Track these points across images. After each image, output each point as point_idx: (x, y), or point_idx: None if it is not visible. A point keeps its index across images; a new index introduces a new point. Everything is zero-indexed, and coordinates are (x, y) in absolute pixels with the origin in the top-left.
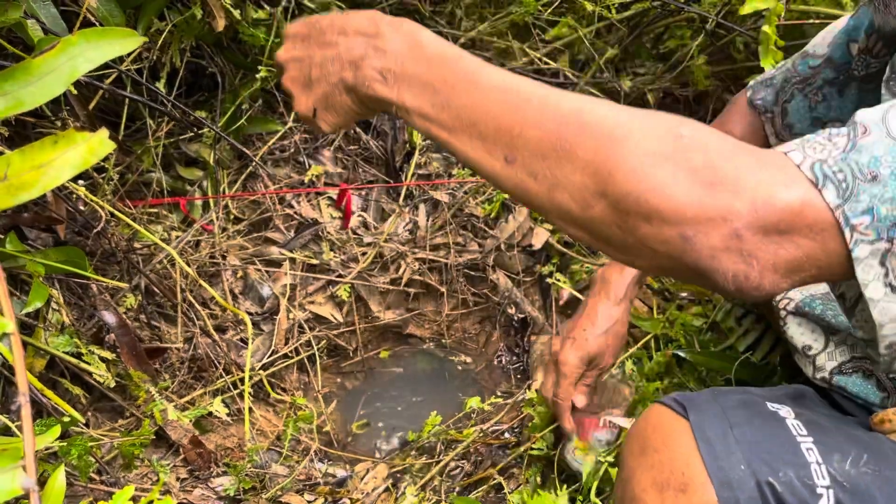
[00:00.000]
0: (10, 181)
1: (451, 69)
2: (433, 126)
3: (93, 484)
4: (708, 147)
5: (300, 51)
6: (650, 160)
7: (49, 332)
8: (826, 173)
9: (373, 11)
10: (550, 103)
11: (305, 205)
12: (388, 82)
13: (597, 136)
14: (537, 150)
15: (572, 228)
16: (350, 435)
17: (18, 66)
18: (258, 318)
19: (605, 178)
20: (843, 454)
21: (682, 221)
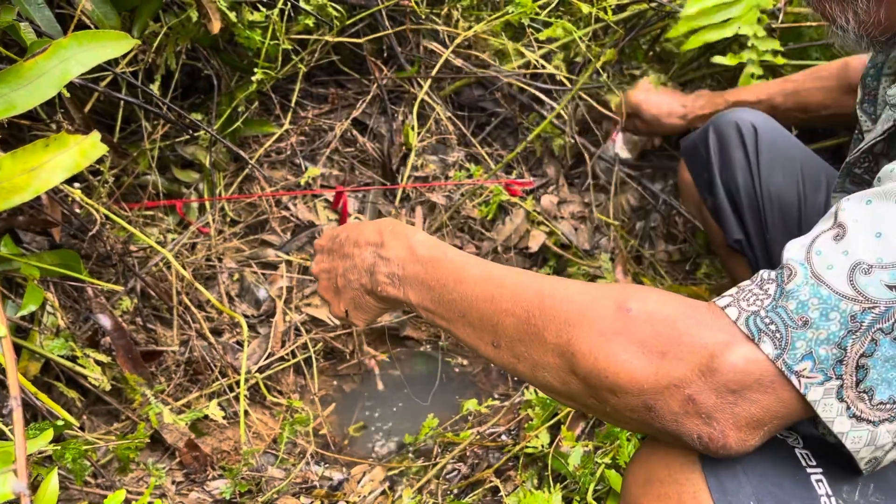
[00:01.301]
0: (2, 184)
1: (440, 269)
2: (435, 317)
3: (88, 487)
4: (654, 318)
5: (327, 263)
6: (603, 339)
7: (44, 336)
8: (760, 327)
9: (379, 223)
10: (519, 290)
11: (302, 207)
12: (395, 285)
13: (557, 320)
14: (515, 336)
15: (561, 400)
16: (346, 438)
17: (10, 70)
18: (254, 321)
19: (570, 359)
20: (852, 485)
21: (641, 392)
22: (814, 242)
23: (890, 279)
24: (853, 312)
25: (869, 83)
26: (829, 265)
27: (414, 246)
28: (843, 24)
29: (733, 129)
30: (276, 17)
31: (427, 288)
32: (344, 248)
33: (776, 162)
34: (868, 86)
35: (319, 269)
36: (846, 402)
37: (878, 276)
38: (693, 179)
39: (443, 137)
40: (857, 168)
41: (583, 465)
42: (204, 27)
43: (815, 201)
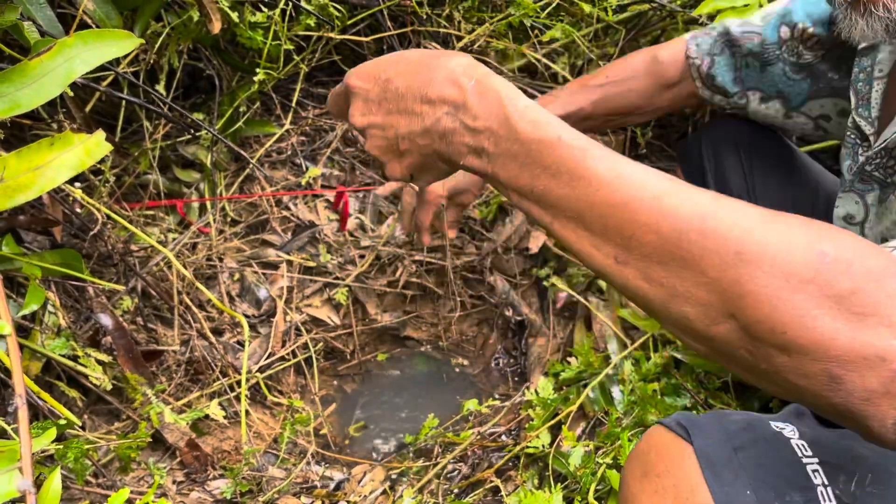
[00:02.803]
0: (6, 183)
1: (550, 154)
2: (533, 207)
3: (89, 487)
4: (855, 268)
5: (380, 117)
6: (788, 284)
7: (45, 335)
8: None
9: (449, 63)
10: (667, 204)
11: (302, 207)
12: (483, 159)
13: (724, 251)
14: (654, 257)
15: (691, 341)
16: (347, 438)
17: (15, 69)
18: (255, 321)
19: (735, 300)
20: (849, 475)
21: (828, 358)
22: None
23: None
24: None
25: (861, 88)
26: None
27: (511, 116)
28: (888, 4)
29: (727, 133)
30: (278, 16)
31: (528, 174)
32: (405, 100)
33: (770, 167)
34: (860, 91)
35: (368, 122)
36: None
37: None
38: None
39: None
40: (868, 166)
41: (584, 465)
42: (205, 27)
43: (810, 204)
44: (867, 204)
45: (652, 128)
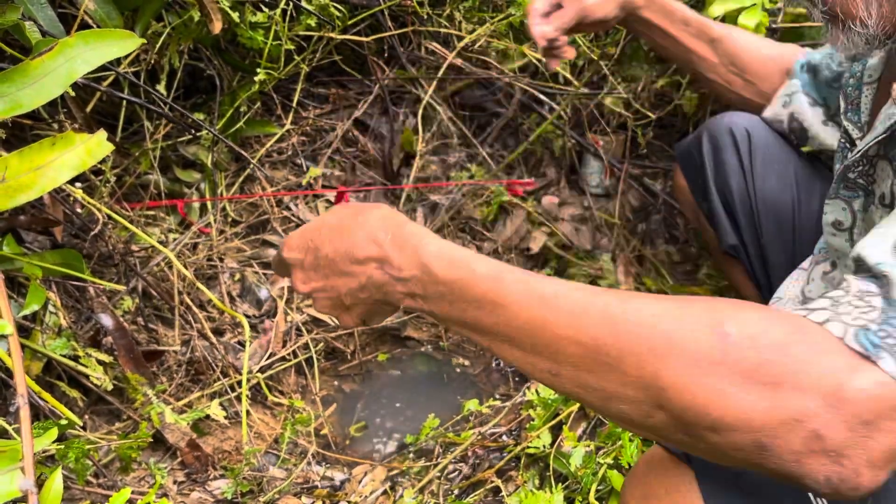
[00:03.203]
0: (8, 183)
1: (470, 290)
2: (472, 335)
3: (90, 487)
4: (759, 342)
5: (319, 282)
6: (700, 370)
7: (46, 335)
8: (875, 342)
9: (367, 224)
10: (579, 313)
11: (303, 207)
12: (417, 301)
13: (637, 350)
14: (581, 366)
15: (638, 432)
16: (348, 438)
17: (16, 69)
18: (256, 321)
19: (659, 393)
20: None
21: (752, 429)
22: None
23: None
24: None
25: (850, 93)
26: None
27: (429, 262)
28: (864, 20)
29: (727, 133)
30: (279, 16)
31: (459, 309)
32: (338, 264)
33: (770, 167)
34: (850, 95)
35: (310, 289)
36: None
37: None
38: (688, 184)
39: (444, 140)
40: (850, 173)
41: (584, 466)
42: (206, 27)
43: (810, 206)
44: (854, 211)
45: (652, 128)
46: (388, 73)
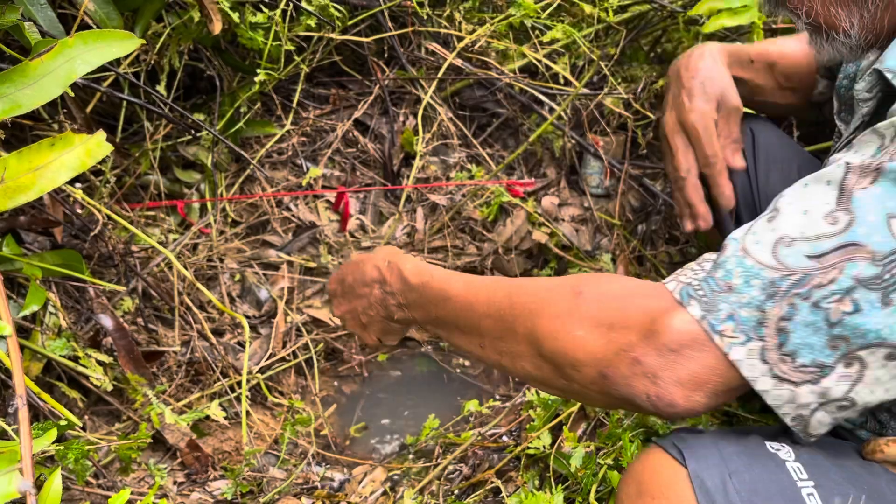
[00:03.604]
0: (6, 184)
1: (430, 290)
2: (438, 331)
3: (90, 488)
4: (602, 296)
5: (345, 305)
6: (560, 321)
7: (46, 336)
8: (690, 293)
9: (374, 258)
10: (491, 294)
11: (303, 208)
12: (403, 310)
13: (523, 313)
14: (494, 334)
15: (541, 387)
16: (348, 438)
17: (16, 69)
18: (256, 322)
19: (538, 344)
20: (843, 497)
21: (596, 362)
22: (752, 225)
23: (810, 250)
24: (773, 279)
25: (844, 94)
26: (757, 241)
27: (406, 276)
28: (847, 30)
29: None
30: (279, 17)
31: (425, 309)
32: (356, 289)
33: (773, 165)
34: (843, 97)
35: (341, 312)
36: (769, 363)
37: (798, 248)
38: None
39: (444, 141)
40: None
41: (585, 466)
42: (206, 28)
43: None
44: None
45: (652, 128)
46: (388, 74)
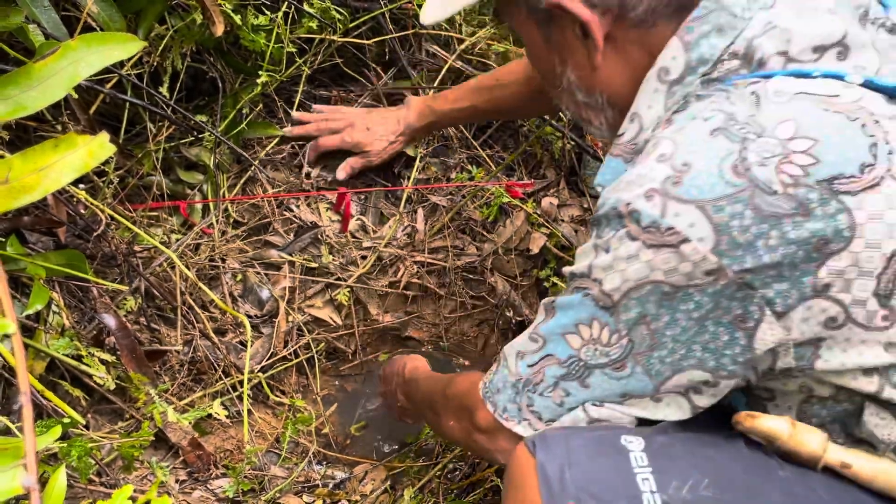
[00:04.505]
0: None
1: (413, 384)
2: (418, 409)
3: (92, 485)
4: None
5: (382, 388)
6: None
7: (49, 335)
8: (485, 394)
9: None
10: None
11: (304, 208)
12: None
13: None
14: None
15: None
16: (349, 437)
17: (20, 71)
18: (257, 321)
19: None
20: (683, 481)
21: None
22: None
23: (528, 361)
24: (514, 382)
25: None
26: (509, 353)
27: (405, 373)
28: (598, 126)
29: None
30: (281, 19)
31: (413, 396)
32: (388, 380)
33: None
34: None
35: (381, 392)
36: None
37: (523, 360)
38: None
39: (444, 142)
40: None
41: None
42: (208, 29)
43: None
44: None
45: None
46: (385, 81)
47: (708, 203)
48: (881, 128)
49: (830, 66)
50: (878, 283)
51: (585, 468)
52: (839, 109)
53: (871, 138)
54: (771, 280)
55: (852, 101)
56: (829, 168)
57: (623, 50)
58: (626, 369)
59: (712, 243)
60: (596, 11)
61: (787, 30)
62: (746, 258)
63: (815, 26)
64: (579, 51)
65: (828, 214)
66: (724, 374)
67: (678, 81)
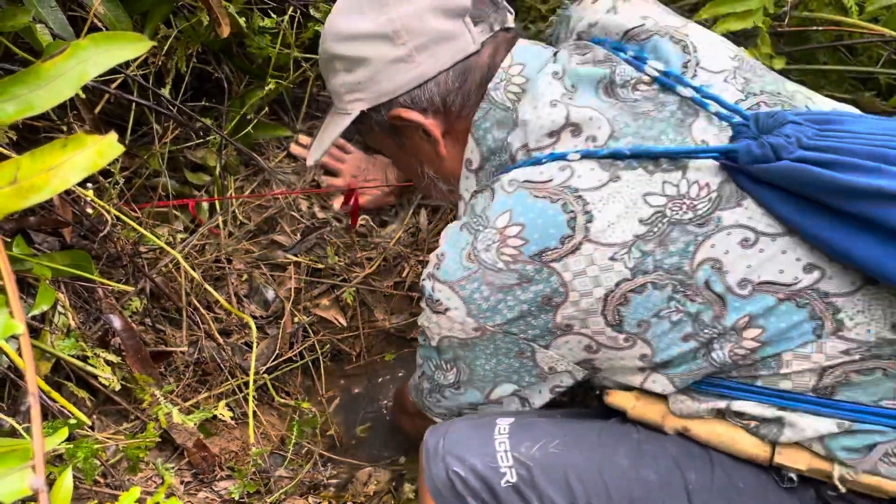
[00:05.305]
0: (19, 184)
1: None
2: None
3: (98, 486)
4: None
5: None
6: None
7: (55, 336)
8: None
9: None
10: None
11: (312, 208)
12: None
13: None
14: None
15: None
16: (354, 438)
17: (28, 71)
18: (263, 322)
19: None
20: (534, 442)
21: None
22: None
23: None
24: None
25: None
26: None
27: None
28: (437, 196)
29: None
30: (287, 23)
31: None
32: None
33: None
34: None
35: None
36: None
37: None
38: None
39: None
40: None
41: None
42: (214, 31)
43: None
44: None
45: None
46: None
47: (454, 283)
48: (582, 201)
49: (563, 147)
50: (605, 318)
51: (456, 438)
52: (546, 194)
53: (569, 214)
54: (524, 327)
55: (559, 184)
56: (536, 245)
57: (458, 139)
58: (461, 388)
59: (465, 311)
60: (428, 114)
61: (525, 122)
62: (496, 317)
63: (544, 117)
64: (427, 148)
65: (543, 279)
66: (526, 384)
67: (480, 169)
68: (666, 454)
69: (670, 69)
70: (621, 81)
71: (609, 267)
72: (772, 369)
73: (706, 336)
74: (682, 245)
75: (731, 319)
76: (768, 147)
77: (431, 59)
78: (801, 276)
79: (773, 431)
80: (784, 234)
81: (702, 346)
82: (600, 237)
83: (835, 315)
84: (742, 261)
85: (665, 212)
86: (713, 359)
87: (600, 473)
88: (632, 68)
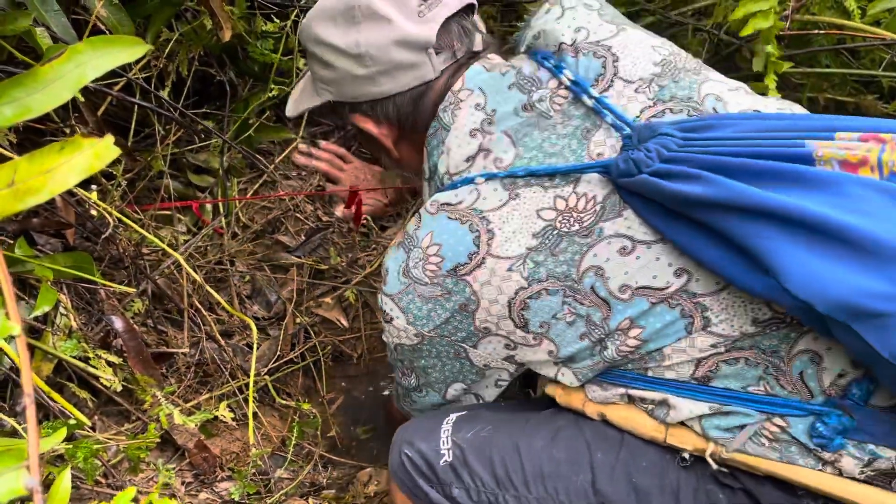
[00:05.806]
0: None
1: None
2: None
3: (99, 487)
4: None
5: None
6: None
7: (57, 337)
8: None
9: None
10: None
11: (315, 209)
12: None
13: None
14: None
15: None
16: (355, 440)
17: (27, 74)
18: (265, 323)
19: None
20: (471, 428)
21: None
22: None
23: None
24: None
25: None
26: None
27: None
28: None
29: None
30: (290, 27)
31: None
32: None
33: None
34: None
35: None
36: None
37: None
38: None
39: None
40: None
41: None
42: (216, 35)
43: None
44: None
45: None
46: None
47: (395, 295)
48: (486, 220)
49: (475, 170)
50: (513, 322)
51: (413, 428)
52: (457, 216)
53: (475, 233)
54: (453, 330)
55: (468, 206)
56: (450, 262)
57: (414, 144)
58: (423, 391)
59: (405, 319)
60: (382, 125)
61: (449, 150)
62: (429, 323)
63: (464, 146)
64: (386, 146)
65: (459, 290)
66: (472, 382)
67: (430, 180)
68: (580, 438)
69: (578, 78)
70: (538, 98)
71: (507, 277)
72: (657, 361)
73: (597, 335)
74: (569, 255)
75: (616, 322)
76: (631, 162)
77: (392, 82)
78: (671, 281)
79: (663, 413)
80: (658, 242)
81: (596, 344)
82: (499, 251)
83: (703, 313)
84: (621, 268)
85: (555, 225)
86: (605, 356)
87: (517, 452)
88: (554, 80)
